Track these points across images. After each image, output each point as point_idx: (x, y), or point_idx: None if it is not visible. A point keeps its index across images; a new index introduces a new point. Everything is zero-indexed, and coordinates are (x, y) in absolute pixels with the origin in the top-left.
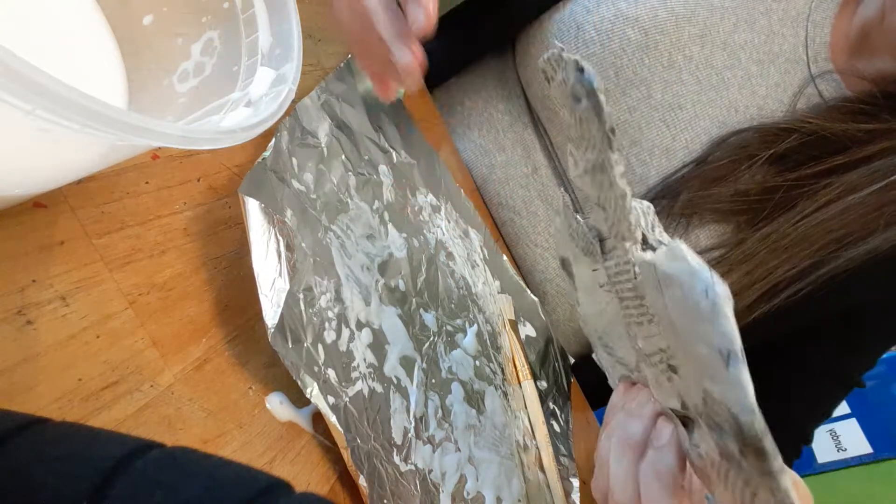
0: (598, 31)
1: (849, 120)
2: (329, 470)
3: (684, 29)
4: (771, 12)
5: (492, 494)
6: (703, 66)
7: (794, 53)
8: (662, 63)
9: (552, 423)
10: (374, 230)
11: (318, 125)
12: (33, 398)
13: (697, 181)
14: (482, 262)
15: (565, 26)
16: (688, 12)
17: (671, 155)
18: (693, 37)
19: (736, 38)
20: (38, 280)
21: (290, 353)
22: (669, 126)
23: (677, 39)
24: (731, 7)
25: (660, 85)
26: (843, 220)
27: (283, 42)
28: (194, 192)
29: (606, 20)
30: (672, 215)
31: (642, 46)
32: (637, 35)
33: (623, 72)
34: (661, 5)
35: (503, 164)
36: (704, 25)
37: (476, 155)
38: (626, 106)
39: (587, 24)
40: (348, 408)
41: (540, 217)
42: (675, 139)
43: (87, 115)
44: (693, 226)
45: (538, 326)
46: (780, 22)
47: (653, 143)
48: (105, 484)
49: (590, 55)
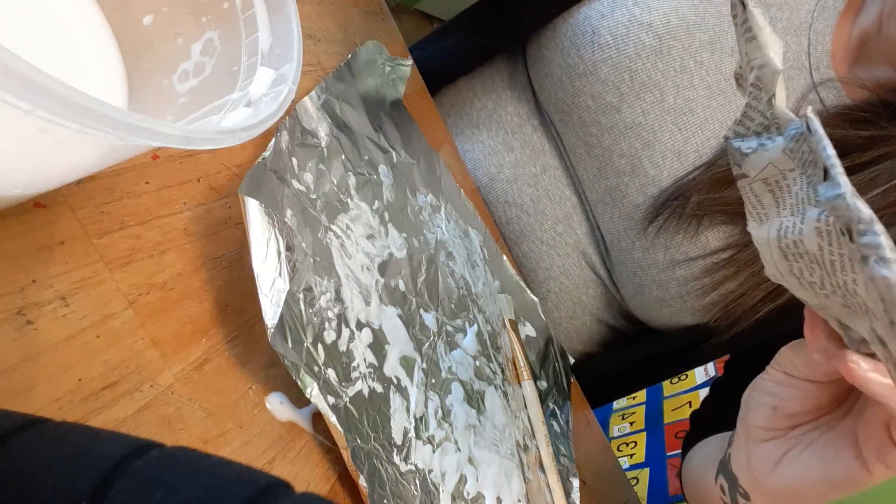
0: (613, 36)
1: (849, 127)
2: (329, 470)
3: (695, 35)
4: (775, 21)
5: (492, 494)
6: (713, 71)
7: (797, 61)
8: (675, 68)
9: (552, 423)
10: (374, 230)
11: (318, 125)
12: (33, 398)
13: (707, 184)
14: (482, 262)
15: (580, 30)
16: (698, 19)
17: (683, 158)
18: (703, 43)
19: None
20: (38, 280)
21: (290, 353)
22: (681, 129)
23: (689, 45)
24: None
25: (672, 89)
26: None
27: (283, 42)
28: (194, 192)
29: (622, 25)
30: (684, 216)
31: (656, 51)
32: (651, 40)
33: (638, 75)
34: (672, 12)
35: (512, 163)
36: (714, 32)
37: (484, 155)
38: (640, 109)
39: (602, 29)
40: (348, 408)
41: (547, 215)
42: (686, 142)
43: (87, 115)
44: (703, 227)
45: (538, 326)
46: (784, 30)
47: (665, 146)
48: (105, 484)
49: (605, 59)
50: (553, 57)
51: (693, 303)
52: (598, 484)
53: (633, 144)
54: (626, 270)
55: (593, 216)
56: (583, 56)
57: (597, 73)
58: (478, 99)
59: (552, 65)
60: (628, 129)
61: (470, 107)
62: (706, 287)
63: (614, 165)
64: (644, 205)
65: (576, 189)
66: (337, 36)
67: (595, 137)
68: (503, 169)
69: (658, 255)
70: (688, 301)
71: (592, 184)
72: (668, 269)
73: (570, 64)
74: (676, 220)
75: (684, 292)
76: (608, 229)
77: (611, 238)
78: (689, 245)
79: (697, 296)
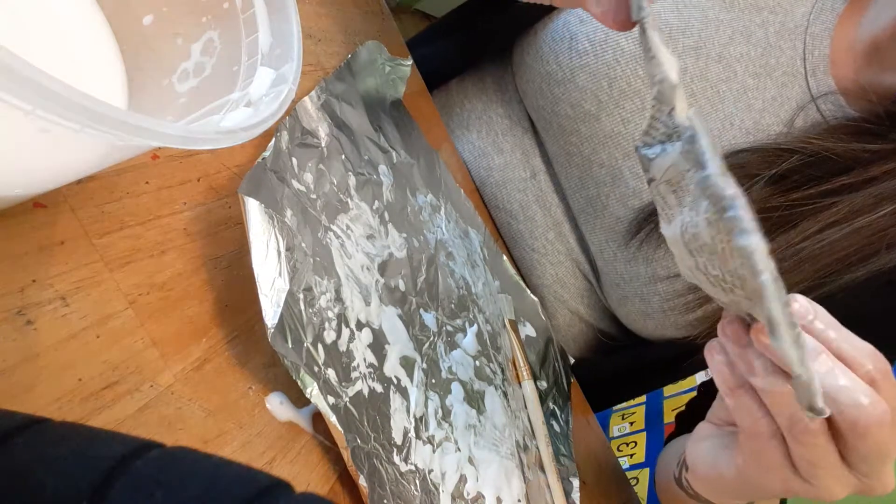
0: (591, 42)
1: (852, 140)
2: (329, 470)
3: (678, 40)
4: (768, 24)
5: (492, 494)
6: (698, 78)
7: (791, 66)
8: None
9: (552, 423)
10: (374, 230)
11: (318, 125)
12: (33, 398)
13: None
14: (482, 262)
15: (559, 36)
16: (682, 24)
17: None
18: (687, 48)
19: (731, 51)
20: (38, 280)
21: (290, 353)
22: None
23: (672, 51)
24: (727, 19)
25: None
26: (848, 242)
27: (283, 42)
28: (194, 192)
29: (600, 31)
30: None
31: (636, 57)
32: (631, 46)
33: (617, 83)
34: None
35: (501, 166)
36: (699, 37)
37: (474, 156)
38: (620, 118)
39: (580, 35)
40: (348, 408)
41: (537, 222)
42: None
43: (87, 115)
44: None
45: (538, 326)
46: (778, 34)
47: None
48: (105, 484)
49: (583, 66)
50: (533, 63)
51: (676, 318)
52: (598, 484)
53: (612, 154)
54: (609, 281)
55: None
56: (561, 63)
57: (574, 81)
58: (468, 100)
59: (532, 72)
60: (608, 139)
61: (461, 108)
62: (690, 304)
63: (594, 175)
64: (626, 217)
65: (563, 197)
66: (337, 36)
67: (575, 146)
68: (492, 172)
69: (640, 269)
70: (671, 316)
71: (574, 193)
72: (650, 283)
73: (549, 71)
74: (658, 235)
75: (667, 308)
76: (591, 239)
77: (594, 248)
78: (670, 261)
79: (681, 312)
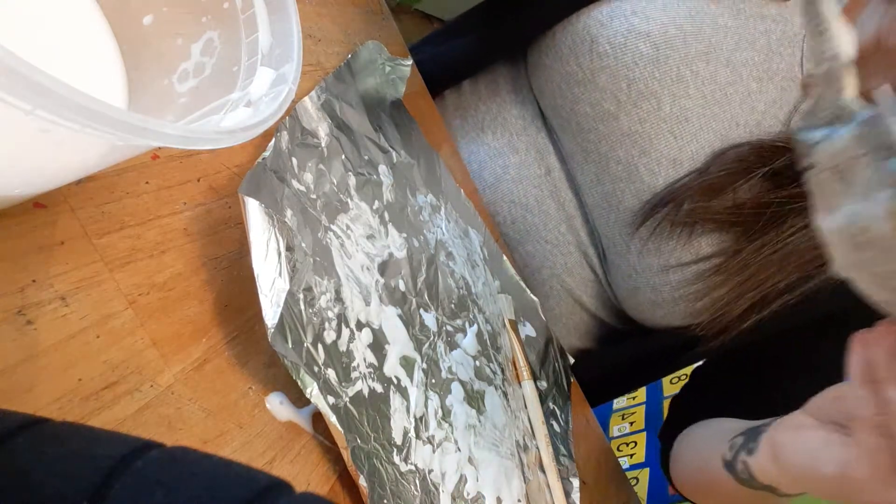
0: (611, 45)
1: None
2: (329, 470)
3: (692, 45)
4: (770, 32)
5: (492, 494)
6: (709, 81)
7: (790, 72)
8: (672, 77)
9: (552, 423)
10: (374, 230)
11: (318, 125)
12: (33, 398)
13: (698, 191)
14: (482, 262)
15: (579, 38)
16: (695, 29)
17: (678, 165)
18: (699, 53)
19: (738, 56)
20: (38, 280)
21: (290, 353)
22: (677, 137)
23: (685, 55)
24: (734, 26)
25: (669, 98)
26: None
27: (283, 42)
28: (194, 192)
29: (619, 34)
30: (676, 223)
31: (653, 60)
32: (649, 49)
33: (635, 84)
34: (670, 22)
35: (517, 164)
36: (709, 43)
37: (490, 157)
38: (637, 117)
39: (601, 38)
40: (348, 408)
41: (551, 215)
42: (681, 150)
43: (87, 115)
44: (696, 233)
45: (538, 326)
46: (779, 42)
47: (661, 154)
48: (105, 484)
49: (603, 67)
50: (552, 64)
51: (685, 307)
52: (598, 484)
53: (629, 151)
54: (621, 273)
55: (592, 219)
56: (581, 64)
57: (595, 82)
58: (482, 102)
59: (551, 72)
60: (625, 137)
61: (475, 110)
62: (698, 292)
63: (611, 172)
64: (641, 212)
65: (577, 193)
66: (337, 36)
67: (593, 144)
68: (508, 170)
69: (652, 260)
70: (680, 305)
71: (590, 189)
72: (662, 273)
73: (569, 72)
74: (670, 226)
75: (677, 296)
76: (605, 233)
77: (607, 242)
78: (681, 250)
79: (689, 300)
